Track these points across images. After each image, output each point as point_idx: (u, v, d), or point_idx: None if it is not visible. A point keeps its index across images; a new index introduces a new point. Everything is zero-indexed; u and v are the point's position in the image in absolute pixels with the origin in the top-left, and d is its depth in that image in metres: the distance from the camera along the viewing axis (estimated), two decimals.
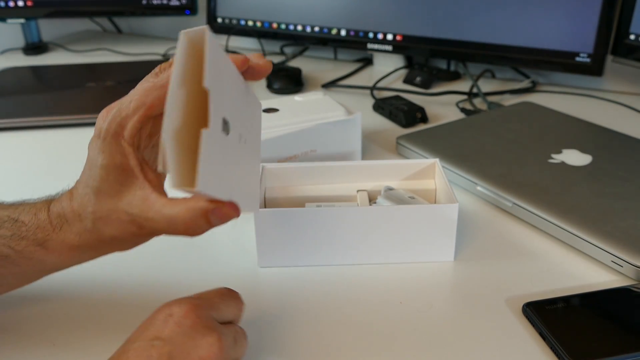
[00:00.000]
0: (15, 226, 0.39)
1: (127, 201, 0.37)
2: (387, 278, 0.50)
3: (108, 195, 0.37)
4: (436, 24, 0.95)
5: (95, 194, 0.37)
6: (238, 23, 1.12)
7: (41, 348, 0.43)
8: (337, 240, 0.50)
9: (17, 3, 1.16)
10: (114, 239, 0.38)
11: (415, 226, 0.50)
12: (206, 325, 0.35)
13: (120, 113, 0.37)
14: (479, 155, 0.66)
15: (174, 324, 0.34)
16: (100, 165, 0.37)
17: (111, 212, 0.37)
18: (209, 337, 0.34)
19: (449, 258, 0.51)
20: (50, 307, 0.47)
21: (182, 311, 0.35)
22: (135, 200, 0.36)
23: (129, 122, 0.37)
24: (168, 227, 0.35)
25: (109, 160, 0.36)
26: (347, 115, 0.66)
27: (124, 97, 0.38)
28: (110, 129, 0.37)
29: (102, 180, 0.37)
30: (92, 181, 0.37)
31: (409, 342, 0.43)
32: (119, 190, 0.37)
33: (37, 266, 0.40)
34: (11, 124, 0.83)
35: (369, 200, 0.56)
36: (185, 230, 0.35)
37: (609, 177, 0.60)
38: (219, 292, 0.39)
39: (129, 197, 0.37)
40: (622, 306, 0.45)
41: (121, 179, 0.37)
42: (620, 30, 0.83)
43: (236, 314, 0.40)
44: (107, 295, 0.48)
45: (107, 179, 0.37)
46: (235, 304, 0.40)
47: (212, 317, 0.36)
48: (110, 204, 0.37)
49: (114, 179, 0.37)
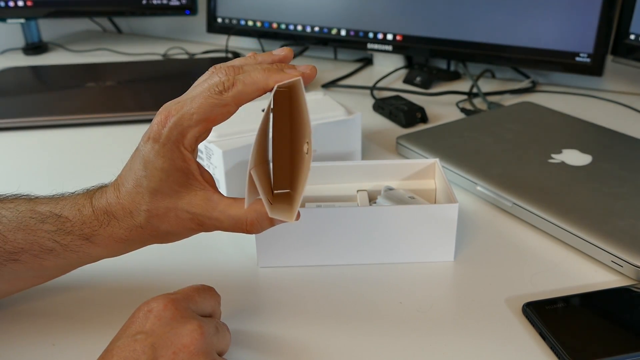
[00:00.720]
0: (59, 221, 0.41)
1: (187, 201, 0.40)
2: (387, 278, 0.50)
3: (166, 195, 0.40)
4: (436, 24, 0.95)
5: (150, 193, 0.40)
6: (238, 23, 1.12)
7: (41, 348, 0.43)
8: (337, 240, 0.50)
9: (17, 3, 1.16)
10: (168, 233, 0.41)
11: (415, 226, 0.50)
12: (185, 315, 0.36)
13: (182, 122, 0.39)
14: (479, 155, 0.66)
15: (154, 317, 0.35)
16: (160, 168, 0.39)
17: (169, 211, 0.40)
18: (189, 324, 0.35)
19: (449, 258, 0.51)
20: (49, 304, 0.47)
21: (161, 305, 0.36)
22: (197, 200, 0.40)
23: (190, 132, 0.39)
24: (232, 226, 0.40)
25: (170, 164, 0.39)
26: (347, 115, 0.66)
27: (182, 104, 0.39)
28: (172, 136, 0.39)
29: (160, 181, 0.39)
30: (147, 181, 0.40)
31: (409, 342, 0.43)
32: (177, 191, 0.40)
33: (83, 258, 0.42)
34: (11, 124, 0.83)
35: (369, 200, 0.56)
36: (248, 230, 0.40)
37: (609, 177, 0.60)
38: (194, 287, 0.40)
39: (189, 197, 0.40)
40: (622, 306, 0.45)
41: (181, 181, 0.40)
42: (620, 30, 0.83)
43: (214, 307, 0.41)
44: (106, 295, 0.48)
45: (167, 180, 0.39)
46: (211, 296, 0.41)
47: (190, 308, 0.37)
48: (168, 203, 0.40)
49: (173, 181, 0.40)
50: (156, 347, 0.34)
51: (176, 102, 0.40)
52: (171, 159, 0.39)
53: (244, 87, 0.39)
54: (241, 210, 0.39)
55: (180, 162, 0.39)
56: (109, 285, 0.50)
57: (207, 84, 0.39)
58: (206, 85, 0.39)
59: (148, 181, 0.40)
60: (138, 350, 0.33)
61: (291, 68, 0.40)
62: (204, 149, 0.60)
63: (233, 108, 0.39)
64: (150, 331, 0.35)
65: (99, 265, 0.45)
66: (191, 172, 0.40)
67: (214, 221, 0.40)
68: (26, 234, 0.40)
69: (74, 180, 0.68)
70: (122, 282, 0.50)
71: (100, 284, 0.50)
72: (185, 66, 1.11)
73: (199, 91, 0.39)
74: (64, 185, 0.50)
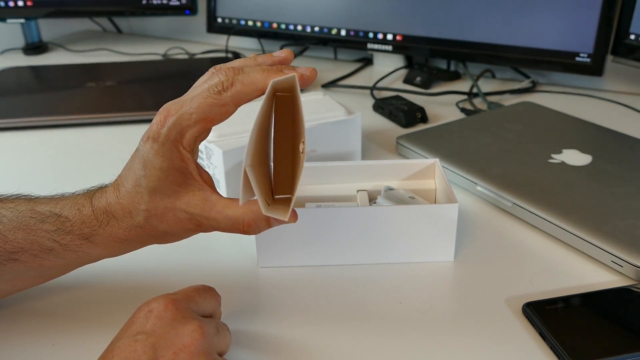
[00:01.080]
0: (59, 221, 0.41)
1: (185, 201, 0.40)
2: (387, 278, 0.50)
3: (165, 195, 0.40)
4: (436, 24, 0.95)
5: (149, 193, 0.40)
6: (238, 23, 1.12)
7: (41, 348, 0.43)
8: (337, 240, 0.50)
9: (17, 3, 1.16)
10: (166, 233, 0.41)
11: (415, 226, 0.50)
12: (186, 315, 0.36)
13: (180, 122, 0.39)
14: (479, 155, 0.66)
15: (155, 317, 0.35)
16: (159, 167, 0.39)
17: (167, 210, 0.40)
18: (189, 325, 0.35)
19: (449, 258, 0.51)
20: (49, 304, 0.47)
21: (162, 305, 0.36)
22: (195, 200, 0.40)
23: (189, 131, 0.39)
24: (229, 226, 0.40)
25: (169, 163, 0.39)
26: (347, 115, 0.66)
27: (182, 104, 0.39)
28: (170, 136, 0.39)
29: (159, 181, 0.39)
30: (146, 181, 0.40)
31: (409, 342, 0.43)
32: (176, 191, 0.40)
33: (82, 258, 0.42)
34: (11, 124, 0.83)
35: (369, 200, 0.56)
36: (245, 230, 0.40)
37: (609, 177, 0.60)
38: (195, 287, 0.40)
39: (188, 197, 0.40)
40: (622, 306, 0.45)
41: (179, 181, 0.40)
42: (620, 30, 0.83)
43: (215, 307, 0.41)
44: (106, 295, 0.48)
45: (166, 180, 0.39)
46: (212, 297, 0.41)
47: (191, 309, 0.37)
48: (166, 203, 0.40)
49: (172, 181, 0.40)
50: (157, 348, 0.34)
51: (176, 102, 0.40)
52: (170, 158, 0.39)
53: (243, 87, 0.39)
54: (239, 211, 0.40)
55: (178, 161, 0.39)
56: (109, 285, 0.50)
57: (207, 84, 0.40)
58: (206, 86, 0.39)
59: (147, 181, 0.40)
60: (139, 350, 0.33)
61: (291, 69, 0.40)
62: (204, 149, 0.60)
63: (232, 108, 0.39)
64: (150, 331, 0.35)
65: (99, 265, 0.45)
66: (189, 172, 0.40)
67: (212, 221, 0.40)
68: (26, 234, 0.40)
69: (74, 180, 0.68)
70: (122, 282, 0.50)
71: (100, 284, 0.50)
72: (185, 66, 1.11)
73: (198, 92, 0.39)
74: (64, 185, 0.50)
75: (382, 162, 0.58)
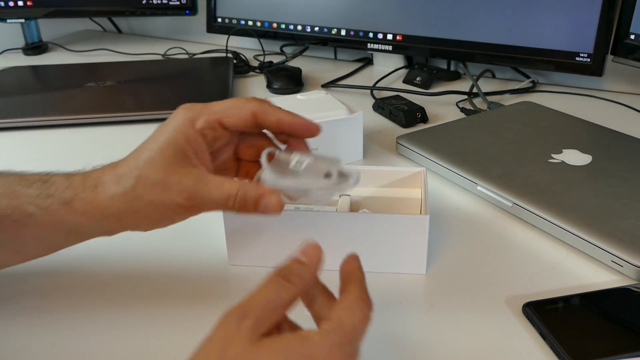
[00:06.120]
0: (44, 186, 0.42)
1: (181, 174, 0.41)
2: (375, 284, 0.49)
3: (160, 166, 0.40)
4: (436, 24, 0.95)
5: (145, 162, 0.41)
6: (238, 23, 1.12)
7: (40, 347, 0.43)
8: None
9: (17, 3, 1.16)
10: (150, 203, 0.40)
11: (386, 236, 0.49)
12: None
13: (200, 109, 0.43)
14: (479, 155, 0.65)
15: None
16: (164, 140, 0.41)
17: (158, 182, 0.40)
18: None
19: (420, 271, 0.50)
20: (48, 304, 0.47)
21: None
22: (190, 177, 0.41)
23: (204, 117, 0.42)
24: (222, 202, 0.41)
25: (173, 137, 0.41)
26: (349, 113, 0.66)
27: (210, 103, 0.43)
28: (187, 116, 0.42)
29: (159, 151, 0.41)
30: (147, 152, 0.41)
31: (409, 342, 0.43)
32: (171, 164, 0.41)
33: (57, 227, 0.42)
34: (11, 124, 0.83)
35: (350, 205, 0.56)
36: (238, 207, 0.41)
37: (609, 177, 0.60)
38: (362, 312, 0.35)
39: (182, 173, 0.41)
40: (622, 306, 0.45)
41: (178, 157, 0.41)
42: (620, 30, 0.83)
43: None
44: (106, 295, 0.48)
45: (165, 150, 0.41)
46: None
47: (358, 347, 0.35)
48: (160, 174, 0.40)
49: (170, 154, 0.41)
50: None
51: None
52: (176, 133, 0.41)
53: None
54: (233, 186, 0.40)
55: (182, 138, 0.41)
56: (109, 285, 0.50)
57: None
58: None
59: (148, 151, 0.41)
60: None
61: None
62: None
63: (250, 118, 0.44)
64: None
65: (99, 265, 0.45)
66: (187, 154, 0.41)
67: (205, 195, 0.40)
68: (10, 199, 0.41)
69: None
70: (122, 282, 0.50)
71: (100, 284, 0.50)
72: (185, 66, 1.11)
73: None
74: None
75: (369, 168, 0.57)
